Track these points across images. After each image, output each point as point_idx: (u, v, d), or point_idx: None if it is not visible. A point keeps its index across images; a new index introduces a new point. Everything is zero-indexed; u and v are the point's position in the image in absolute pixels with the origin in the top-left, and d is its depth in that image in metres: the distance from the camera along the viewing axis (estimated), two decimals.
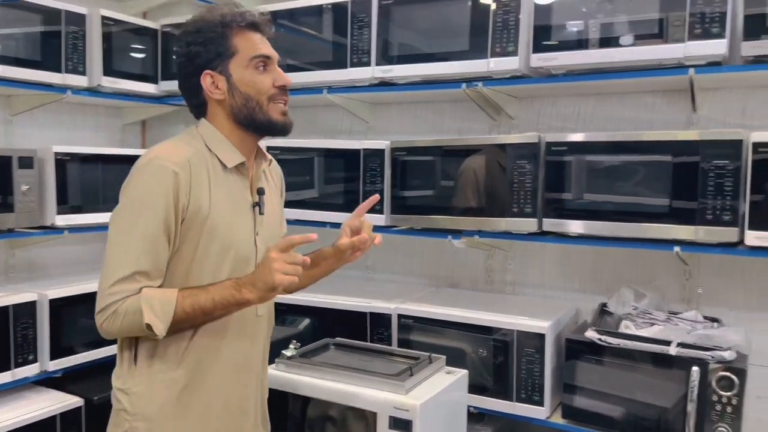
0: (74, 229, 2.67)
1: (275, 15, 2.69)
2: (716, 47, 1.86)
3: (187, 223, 1.42)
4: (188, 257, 1.44)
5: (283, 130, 1.53)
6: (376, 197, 1.78)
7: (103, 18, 2.78)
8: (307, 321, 2.61)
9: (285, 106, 1.53)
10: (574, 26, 2.07)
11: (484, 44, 2.23)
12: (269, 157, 1.67)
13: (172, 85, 3.04)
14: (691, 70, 1.95)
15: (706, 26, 1.86)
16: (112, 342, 1.50)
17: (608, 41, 2.02)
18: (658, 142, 1.99)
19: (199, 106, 1.54)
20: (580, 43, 2.07)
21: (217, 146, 1.49)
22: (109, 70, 2.82)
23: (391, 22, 2.42)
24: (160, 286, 1.41)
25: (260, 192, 1.57)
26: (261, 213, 1.56)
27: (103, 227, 2.80)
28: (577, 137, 2.14)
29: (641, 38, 1.97)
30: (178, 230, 1.41)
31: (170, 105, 3.22)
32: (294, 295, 2.56)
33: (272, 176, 1.71)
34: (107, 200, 2.78)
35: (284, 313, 2.61)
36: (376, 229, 2.51)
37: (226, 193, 1.48)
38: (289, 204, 2.65)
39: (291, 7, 2.67)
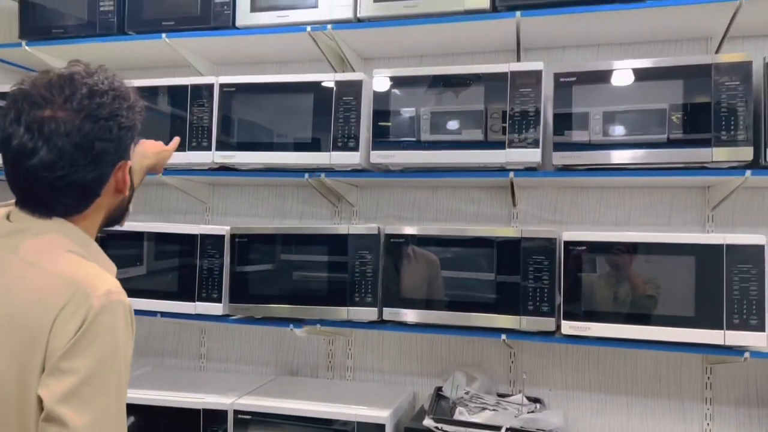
0: None
1: None
2: (532, 155, 2.08)
3: None
4: None
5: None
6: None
7: None
8: (131, 420, 2.38)
9: None
10: (410, 128, 2.21)
11: (326, 137, 2.29)
12: None
13: None
14: (511, 173, 2.16)
15: (523, 137, 2.08)
16: None
17: (441, 144, 2.17)
18: (486, 239, 2.15)
19: (81, 207, 1.16)
20: (416, 144, 2.20)
21: (97, 257, 1.18)
22: None
23: (233, 108, 2.41)
24: None
25: None
26: None
27: None
28: (413, 230, 2.25)
29: (470, 144, 2.14)
30: None
31: None
32: None
33: None
34: None
35: None
36: (213, 318, 2.43)
37: None
38: None
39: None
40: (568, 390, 2.44)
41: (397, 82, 2.25)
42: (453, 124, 2.17)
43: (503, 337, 2.13)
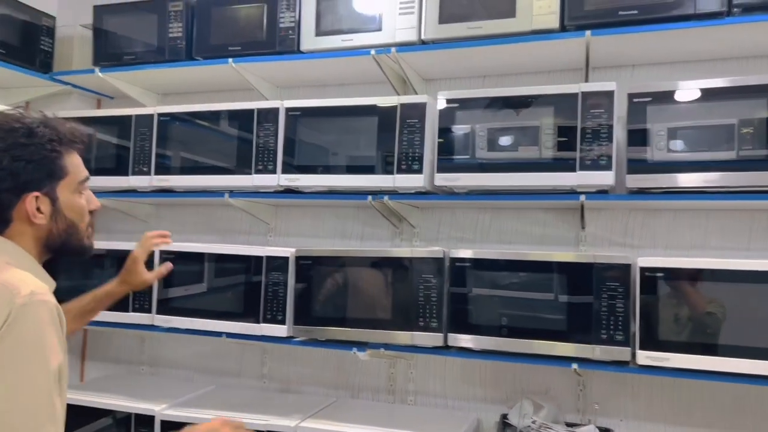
0: None
1: (180, 116, 2.62)
2: (604, 178, 2.02)
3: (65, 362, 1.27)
4: None
5: (89, 255, 1.45)
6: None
7: None
8: None
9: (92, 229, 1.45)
10: (476, 150, 2.17)
11: (390, 160, 2.28)
12: None
13: None
14: (582, 197, 2.10)
15: (595, 159, 2.02)
16: None
17: (508, 166, 2.13)
18: (557, 263, 2.09)
19: None
20: (482, 166, 2.17)
21: (37, 272, 1.31)
22: None
23: (297, 132, 2.43)
24: None
25: None
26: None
27: None
28: (481, 254, 2.20)
29: (539, 166, 2.09)
30: None
31: None
32: (180, 412, 2.40)
33: None
34: None
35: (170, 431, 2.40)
36: (277, 340, 2.44)
37: None
38: (181, 312, 2.54)
39: (196, 110, 2.61)
40: (641, 421, 2.34)
41: (463, 103, 2.22)
42: (520, 147, 2.12)
43: (574, 366, 2.06)
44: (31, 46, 2.89)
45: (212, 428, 1.44)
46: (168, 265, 2.01)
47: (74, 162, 1.37)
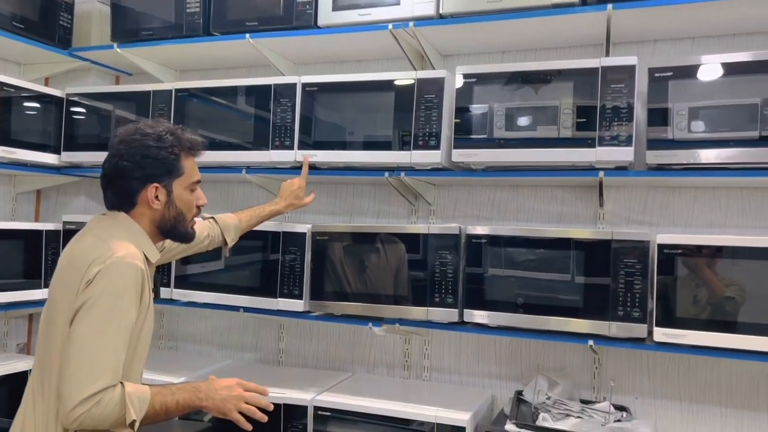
0: None
1: (198, 92, 2.63)
2: (624, 154, 2.00)
3: (140, 315, 1.55)
4: (132, 346, 1.54)
5: (190, 241, 1.78)
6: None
7: (2, 84, 2.59)
8: (209, 415, 2.44)
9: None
10: (494, 126, 2.16)
11: (407, 136, 2.27)
12: None
13: (75, 156, 2.87)
14: (601, 173, 2.08)
15: (615, 135, 2.00)
16: None
17: (526, 142, 2.11)
18: (574, 240, 2.08)
19: (124, 205, 1.64)
20: (500, 142, 2.15)
21: (144, 244, 1.63)
22: (5, 140, 2.61)
23: (314, 108, 2.42)
24: None
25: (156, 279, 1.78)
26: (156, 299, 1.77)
27: None
28: (497, 230, 2.20)
29: (558, 142, 2.08)
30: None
31: (70, 176, 3.03)
32: None
33: None
34: None
35: None
36: (294, 315, 2.46)
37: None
38: (199, 286, 2.57)
39: (213, 86, 2.61)
40: (656, 398, 2.34)
41: (481, 79, 2.20)
42: (540, 122, 2.10)
43: (590, 342, 2.06)
44: (51, 22, 2.90)
45: (228, 385, 1.62)
46: (312, 194, 2.40)
47: (190, 165, 1.68)
